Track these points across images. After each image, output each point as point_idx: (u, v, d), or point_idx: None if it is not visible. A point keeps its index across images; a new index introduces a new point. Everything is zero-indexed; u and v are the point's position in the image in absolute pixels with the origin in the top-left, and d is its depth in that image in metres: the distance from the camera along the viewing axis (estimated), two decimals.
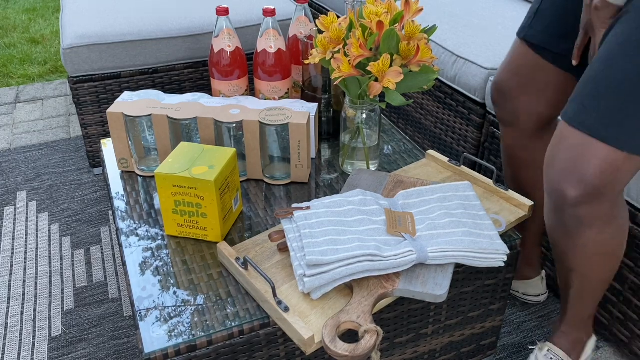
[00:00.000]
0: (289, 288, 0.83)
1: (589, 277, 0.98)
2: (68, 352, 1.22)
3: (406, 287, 0.80)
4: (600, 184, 0.83)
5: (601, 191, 0.84)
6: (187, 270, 0.89)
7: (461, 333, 1.06)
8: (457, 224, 0.87)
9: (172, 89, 1.77)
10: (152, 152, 1.11)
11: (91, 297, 1.36)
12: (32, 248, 1.51)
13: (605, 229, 0.90)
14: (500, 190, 1.02)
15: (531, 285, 1.30)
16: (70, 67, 1.63)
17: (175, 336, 0.78)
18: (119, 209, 1.03)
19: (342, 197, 0.92)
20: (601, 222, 0.89)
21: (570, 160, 0.84)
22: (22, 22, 3.14)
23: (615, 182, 0.84)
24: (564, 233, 0.93)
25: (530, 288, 1.31)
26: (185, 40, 1.70)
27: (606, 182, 0.83)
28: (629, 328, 1.15)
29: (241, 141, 1.07)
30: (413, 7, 0.96)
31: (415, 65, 0.96)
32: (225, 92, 1.24)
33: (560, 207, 0.88)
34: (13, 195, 1.71)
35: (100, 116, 1.72)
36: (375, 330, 0.73)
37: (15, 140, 2.03)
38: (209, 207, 0.91)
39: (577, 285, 1.00)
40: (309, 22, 1.26)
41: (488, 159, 1.47)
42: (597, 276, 0.98)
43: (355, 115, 1.06)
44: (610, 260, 0.96)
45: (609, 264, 0.97)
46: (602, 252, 0.94)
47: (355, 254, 0.79)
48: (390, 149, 1.21)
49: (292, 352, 0.86)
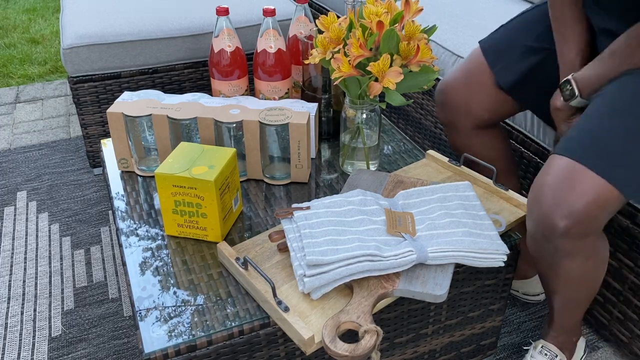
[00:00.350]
0: (289, 288, 0.83)
1: (571, 297, 0.99)
2: (68, 352, 1.22)
3: (406, 287, 0.80)
4: (588, 216, 0.82)
5: (588, 224, 0.83)
6: (187, 270, 0.89)
7: (461, 333, 1.06)
8: (457, 224, 0.87)
9: (172, 89, 1.77)
10: (152, 152, 1.11)
11: (91, 297, 1.36)
12: (32, 248, 1.51)
13: (587, 262, 0.90)
14: (500, 190, 1.02)
15: (531, 284, 1.30)
16: (70, 67, 1.63)
17: (175, 336, 0.78)
18: (119, 209, 1.03)
19: (342, 197, 0.92)
20: (584, 255, 0.88)
21: (561, 190, 0.83)
22: (22, 22, 3.14)
23: (601, 216, 0.83)
24: (547, 262, 0.93)
25: (529, 287, 1.31)
26: (185, 40, 1.70)
27: (594, 214, 0.82)
28: (629, 328, 1.15)
29: (241, 141, 1.07)
30: (413, 7, 0.96)
31: (415, 65, 0.96)
32: (225, 92, 1.24)
33: (547, 237, 0.86)
34: (13, 195, 1.71)
35: (100, 116, 1.72)
36: (375, 330, 0.73)
37: (15, 140, 2.03)
38: (209, 207, 0.91)
39: (560, 303, 1.01)
40: (309, 22, 1.26)
41: None
42: (579, 296, 0.99)
43: (355, 115, 1.06)
44: (592, 284, 0.97)
45: (591, 287, 0.97)
46: (583, 279, 0.94)
47: (355, 254, 0.79)
48: (390, 149, 1.21)
49: (292, 352, 0.86)
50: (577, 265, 0.90)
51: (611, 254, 1.13)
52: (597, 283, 0.97)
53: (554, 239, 0.85)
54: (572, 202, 0.81)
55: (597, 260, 0.93)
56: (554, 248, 0.87)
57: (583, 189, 0.81)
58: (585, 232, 0.84)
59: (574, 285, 0.95)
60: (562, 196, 0.82)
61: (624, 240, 1.10)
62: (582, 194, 0.81)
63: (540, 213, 0.85)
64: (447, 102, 1.15)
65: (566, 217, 0.82)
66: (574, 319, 1.05)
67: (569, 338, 1.08)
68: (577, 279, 0.93)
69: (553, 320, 1.06)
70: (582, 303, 1.01)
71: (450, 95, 1.14)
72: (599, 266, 0.94)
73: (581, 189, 0.81)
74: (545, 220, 0.84)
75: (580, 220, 0.82)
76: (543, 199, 0.84)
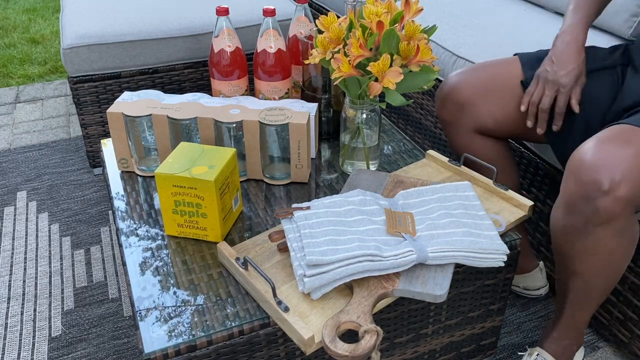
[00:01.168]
0: (289, 288, 0.83)
1: (592, 283, 0.96)
2: (68, 352, 1.22)
3: (406, 287, 0.80)
4: (637, 178, 0.79)
5: (635, 188, 0.80)
6: (187, 270, 0.89)
7: (461, 333, 1.06)
8: (457, 224, 0.87)
9: (172, 89, 1.77)
10: (152, 152, 1.11)
11: (91, 297, 1.36)
12: (32, 248, 1.51)
13: (620, 238, 0.88)
14: (500, 190, 1.02)
15: (531, 278, 1.30)
16: (70, 67, 1.63)
17: (175, 336, 0.78)
18: (119, 209, 1.03)
19: (342, 197, 0.92)
20: (620, 227, 0.86)
21: (613, 147, 0.80)
22: (22, 22, 3.14)
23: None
24: (577, 232, 0.89)
25: (530, 280, 1.30)
26: (185, 40, 1.70)
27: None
28: (629, 328, 1.15)
29: (241, 141, 1.07)
30: (413, 7, 0.96)
31: (415, 65, 0.96)
32: (225, 92, 1.24)
33: (588, 197, 0.83)
34: (13, 195, 1.71)
35: (100, 116, 1.72)
36: (375, 330, 0.73)
37: (15, 140, 2.03)
38: (209, 207, 0.91)
39: (577, 291, 0.98)
40: (309, 22, 1.26)
41: None
42: (600, 283, 0.96)
43: (355, 115, 1.06)
44: (615, 269, 0.94)
45: (613, 273, 0.94)
46: (610, 258, 0.91)
47: (355, 254, 0.79)
48: (390, 149, 1.21)
49: (292, 352, 0.86)
50: (610, 237, 0.86)
51: None
52: (619, 271, 0.94)
53: (595, 200, 0.82)
54: (623, 159, 0.79)
55: (630, 240, 0.89)
56: (592, 211, 0.83)
57: (637, 147, 0.79)
58: (629, 198, 0.81)
59: (600, 264, 0.91)
60: (614, 152, 0.79)
61: None
62: (635, 152, 0.79)
63: (585, 169, 0.81)
64: (451, 99, 1.12)
65: (615, 174, 0.79)
66: (584, 316, 1.02)
67: (570, 345, 1.06)
68: (605, 256, 0.89)
69: (561, 317, 1.03)
70: (598, 296, 0.97)
71: (456, 93, 1.11)
72: (628, 248, 0.90)
73: (635, 147, 0.79)
74: (591, 177, 0.81)
75: (629, 180, 0.79)
76: (591, 155, 0.81)
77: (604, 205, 0.82)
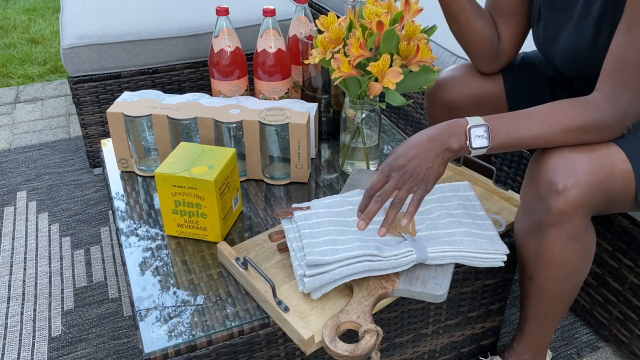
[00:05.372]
0: (289, 288, 0.83)
1: (546, 289, 0.94)
2: (68, 352, 1.22)
3: (406, 287, 0.80)
4: (592, 183, 0.82)
5: (587, 194, 0.82)
6: (187, 270, 0.89)
7: (461, 333, 1.06)
8: (457, 224, 0.87)
9: (172, 89, 1.77)
10: (152, 152, 1.11)
11: (91, 297, 1.36)
12: (32, 248, 1.51)
13: (573, 242, 0.87)
14: (500, 190, 1.02)
15: None
16: (70, 67, 1.63)
17: (175, 336, 0.78)
18: (119, 209, 1.03)
19: (342, 197, 0.92)
20: (571, 232, 0.86)
21: (571, 153, 0.83)
22: (22, 22, 3.14)
23: (603, 187, 0.83)
24: (531, 232, 0.89)
25: None
26: (185, 40, 1.70)
27: (597, 180, 0.82)
28: (628, 328, 1.15)
29: (241, 141, 1.07)
30: (413, 7, 0.96)
31: (415, 65, 0.96)
32: (225, 92, 1.24)
33: (542, 196, 0.84)
34: (13, 195, 1.71)
35: (100, 116, 1.72)
36: (375, 330, 0.73)
37: (15, 140, 2.03)
38: (209, 207, 0.91)
39: (534, 298, 0.96)
40: (309, 22, 1.26)
41: (488, 159, 1.47)
42: (553, 289, 0.94)
43: (355, 115, 1.06)
44: (570, 277, 0.92)
45: (568, 281, 0.93)
46: (562, 263, 0.90)
47: (355, 254, 0.79)
48: (390, 149, 1.21)
49: (292, 352, 0.86)
50: (563, 241, 0.87)
51: (611, 253, 1.13)
52: (575, 283, 0.93)
53: (547, 199, 0.83)
54: (580, 162, 0.82)
55: (583, 248, 0.89)
56: (544, 210, 0.84)
57: (594, 153, 0.82)
58: (581, 201, 0.82)
59: (553, 269, 0.91)
60: (572, 156, 0.82)
61: (624, 241, 1.10)
62: (593, 157, 0.82)
63: (544, 170, 0.84)
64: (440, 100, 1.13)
65: (570, 176, 0.82)
66: (543, 332, 1.00)
67: (534, 358, 1.03)
68: (558, 260, 0.89)
69: (522, 331, 1.01)
70: (554, 305, 0.96)
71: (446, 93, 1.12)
72: (583, 257, 0.90)
73: (593, 152, 0.82)
74: (547, 178, 0.83)
75: (583, 183, 0.81)
76: (550, 157, 0.84)
77: (555, 205, 0.83)
